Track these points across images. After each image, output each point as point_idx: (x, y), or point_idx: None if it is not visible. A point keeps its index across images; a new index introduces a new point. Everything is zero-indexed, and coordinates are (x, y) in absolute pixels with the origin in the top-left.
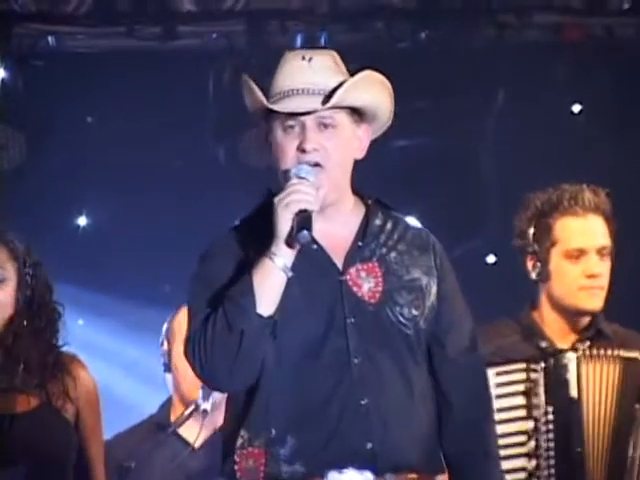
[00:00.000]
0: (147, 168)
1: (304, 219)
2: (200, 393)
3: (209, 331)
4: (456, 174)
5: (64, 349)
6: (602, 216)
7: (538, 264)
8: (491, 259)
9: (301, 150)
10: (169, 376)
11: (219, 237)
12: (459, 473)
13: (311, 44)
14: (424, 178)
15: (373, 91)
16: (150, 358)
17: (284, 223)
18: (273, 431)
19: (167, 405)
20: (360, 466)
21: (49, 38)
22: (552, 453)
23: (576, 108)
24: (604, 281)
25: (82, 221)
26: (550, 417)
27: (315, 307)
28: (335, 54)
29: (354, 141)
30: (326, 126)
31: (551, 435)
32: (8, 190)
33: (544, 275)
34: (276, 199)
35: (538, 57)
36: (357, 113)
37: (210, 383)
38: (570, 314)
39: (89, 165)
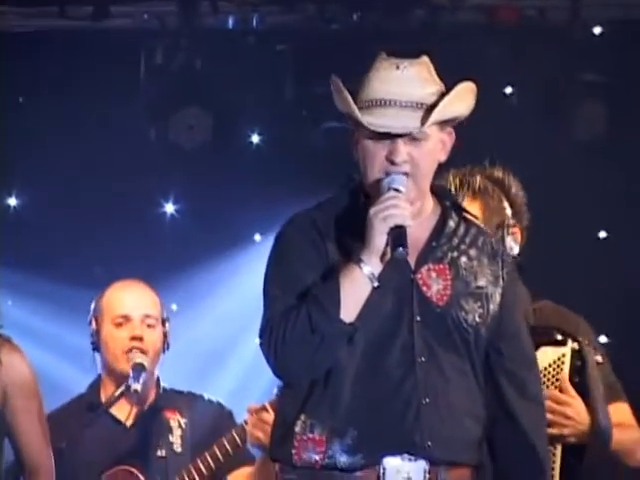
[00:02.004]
0: (78, 148)
1: (400, 235)
2: (131, 373)
3: (289, 327)
4: None
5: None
6: (479, 201)
7: None
8: None
9: (391, 162)
10: (98, 355)
11: (296, 218)
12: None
13: (243, 25)
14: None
15: (467, 102)
16: (80, 338)
17: (379, 236)
18: (335, 420)
19: (97, 384)
20: (416, 454)
21: None
22: None
23: (508, 90)
24: None
25: (12, 202)
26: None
27: (387, 303)
28: (428, 62)
29: (438, 146)
30: (417, 139)
31: None
32: None
33: None
34: (372, 210)
35: (471, 39)
36: (445, 120)
37: (279, 374)
38: None
39: (20, 145)
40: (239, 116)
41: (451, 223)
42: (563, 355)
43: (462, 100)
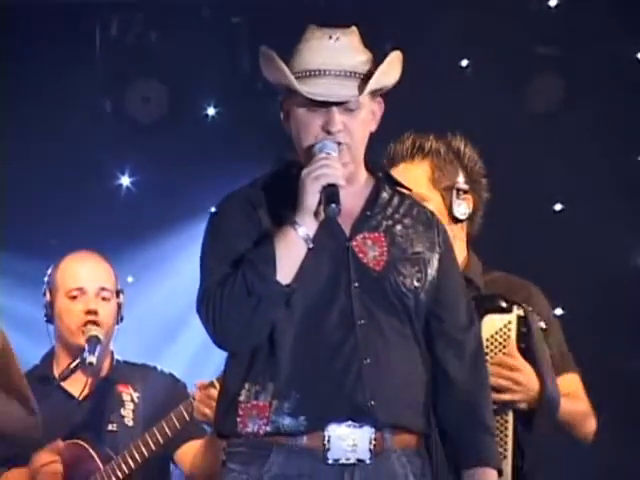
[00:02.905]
0: (32, 121)
1: (333, 193)
2: (85, 346)
3: (226, 292)
4: None
5: None
6: (427, 163)
7: None
8: None
9: (327, 131)
10: (51, 327)
11: (229, 196)
12: (457, 446)
13: None
14: None
15: (397, 71)
16: (33, 309)
17: (312, 195)
18: (278, 385)
19: (50, 356)
20: (360, 420)
21: None
22: None
23: (464, 62)
24: None
25: None
26: None
27: (323, 269)
28: (357, 32)
29: (370, 116)
30: (351, 109)
31: None
32: None
33: None
34: (304, 171)
35: (426, 10)
36: (375, 90)
37: (219, 342)
38: None
39: None
40: (195, 89)
41: (384, 194)
42: (509, 322)
43: (395, 69)
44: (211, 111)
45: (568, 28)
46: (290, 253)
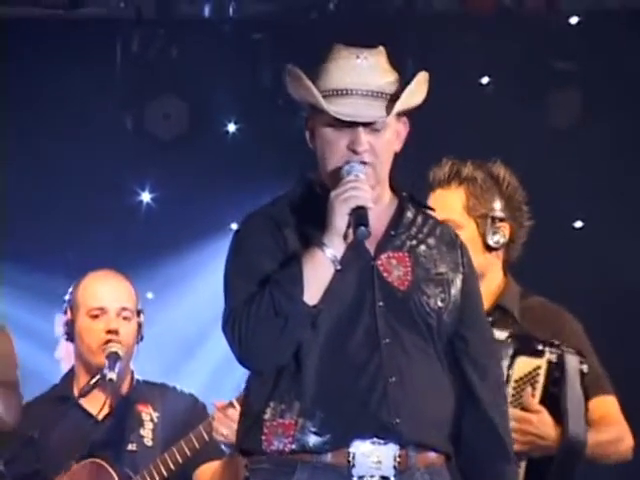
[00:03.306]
0: (54, 137)
1: (362, 215)
2: (106, 362)
3: (253, 311)
4: None
5: None
6: (463, 188)
7: None
8: None
9: (353, 151)
10: (71, 346)
11: (252, 215)
12: (482, 474)
13: (219, 14)
14: None
15: (423, 91)
16: (52, 326)
17: (340, 217)
18: (304, 404)
19: (70, 376)
20: (385, 437)
21: None
22: None
23: (484, 80)
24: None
25: None
26: None
27: (349, 288)
28: (385, 52)
29: (394, 137)
30: (377, 129)
31: None
32: None
33: None
34: (333, 193)
35: (447, 27)
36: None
37: (245, 362)
38: None
39: None
40: (215, 105)
41: (408, 214)
42: (539, 367)
43: (421, 89)
44: (232, 127)
45: (588, 44)
46: (317, 274)
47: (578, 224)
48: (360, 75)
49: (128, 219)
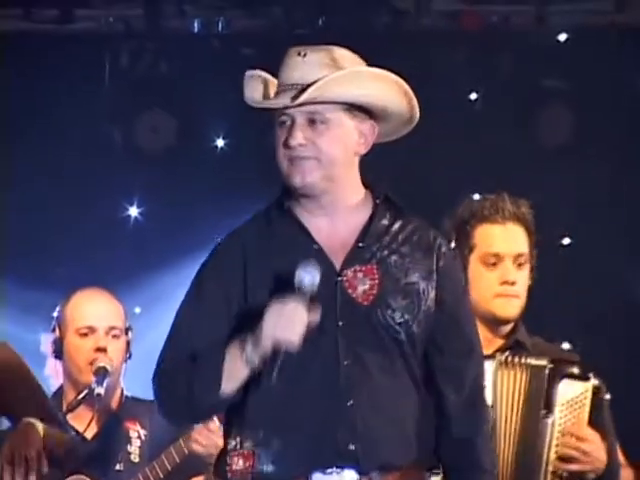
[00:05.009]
0: (41, 150)
1: (280, 354)
2: (94, 377)
3: (174, 384)
4: None
5: None
6: (522, 226)
7: None
8: None
9: (285, 145)
10: (59, 363)
11: (226, 237)
12: None
13: (208, 29)
14: None
15: (370, 87)
16: (37, 342)
17: (268, 346)
18: (261, 433)
19: (58, 394)
20: (345, 466)
21: None
22: None
23: (473, 96)
24: (520, 289)
25: None
26: None
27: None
28: (337, 51)
29: (353, 136)
30: (314, 122)
31: None
32: None
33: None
34: (269, 310)
35: (435, 44)
36: (359, 109)
37: (166, 419)
38: (488, 321)
39: None
40: (204, 120)
41: (384, 221)
42: (586, 390)
43: (358, 86)
44: (220, 142)
45: (577, 62)
46: (236, 374)
47: (566, 241)
48: (294, 70)
49: (116, 233)
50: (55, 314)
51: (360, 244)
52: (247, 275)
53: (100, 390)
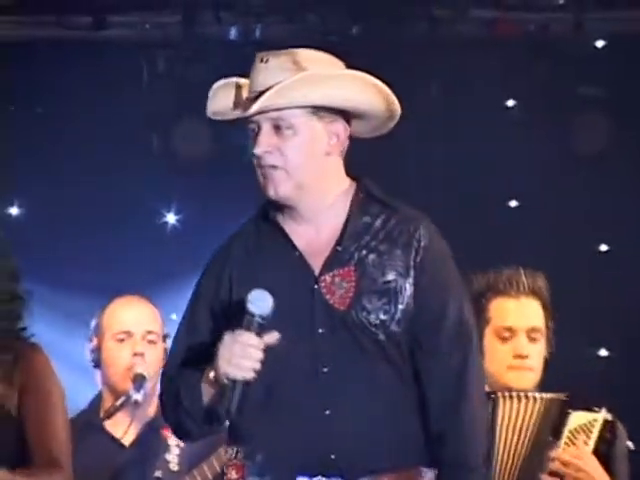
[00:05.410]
0: (79, 159)
1: (235, 393)
2: (131, 385)
3: (169, 392)
4: (387, 169)
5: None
6: (537, 299)
7: None
8: None
9: (252, 154)
10: (98, 372)
11: (221, 244)
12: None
13: (245, 36)
14: (354, 173)
15: (333, 88)
16: (77, 347)
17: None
18: (248, 444)
19: (97, 401)
20: (330, 475)
21: None
22: None
23: (510, 103)
24: (534, 363)
25: (14, 211)
26: None
27: (287, 320)
28: (302, 53)
29: (323, 139)
30: (280, 127)
31: None
32: None
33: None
34: (222, 344)
35: (472, 51)
36: (328, 110)
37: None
38: (500, 391)
39: (19, 154)
40: (241, 127)
41: (365, 219)
42: (595, 420)
43: (312, 86)
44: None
45: (615, 69)
46: (210, 391)
47: (603, 247)
48: (258, 76)
49: (154, 240)
50: (93, 323)
51: (338, 247)
52: (232, 291)
53: (138, 397)
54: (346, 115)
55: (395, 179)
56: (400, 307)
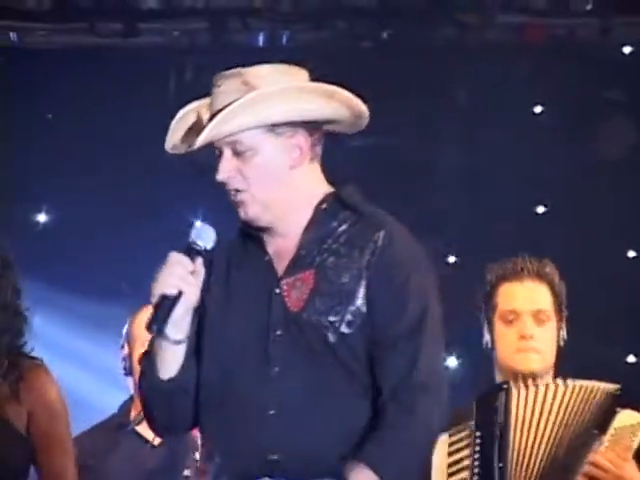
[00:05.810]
0: (107, 165)
1: (162, 308)
2: None
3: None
4: (416, 174)
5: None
6: (544, 283)
7: (487, 334)
8: (451, 259)
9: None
10: (130, 379)
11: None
12: None
13: (272, 43)
14: (382, 179)
15: (281, 104)
16: (106, 355)
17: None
18: (207, 447)
19: (128, 404)
20: (275, 477)
21: (10, 34)
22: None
23: (537, 109)
24: (540, 345)
25: (42, 218)
26: (477, 440)
27: (246, 321)
28: (251, 72)
29: (283, 155)
30: (239, 152)
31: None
32: None
33: (491, 343)
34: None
35: (499, 57)
36: (286, 124)
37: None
38: (512, 378)
39: (49, 162)
40: None
41: (333, 223)
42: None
43: (258, 107)
44: None
45: None
46: (161, 355)
47: (631, 254)
48: (214, 101)
49: (180, 247)
50: (124, 331)
51: (302, 252)
52: (210, 290)
53: None
54: (312, 122)
55: (422, 185)
56: (351, 308)
